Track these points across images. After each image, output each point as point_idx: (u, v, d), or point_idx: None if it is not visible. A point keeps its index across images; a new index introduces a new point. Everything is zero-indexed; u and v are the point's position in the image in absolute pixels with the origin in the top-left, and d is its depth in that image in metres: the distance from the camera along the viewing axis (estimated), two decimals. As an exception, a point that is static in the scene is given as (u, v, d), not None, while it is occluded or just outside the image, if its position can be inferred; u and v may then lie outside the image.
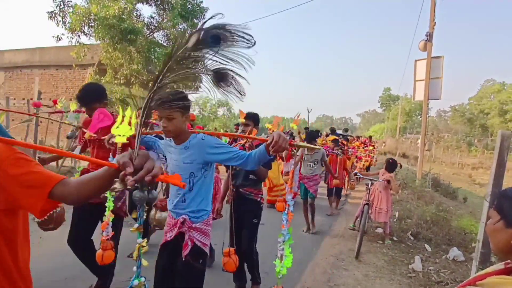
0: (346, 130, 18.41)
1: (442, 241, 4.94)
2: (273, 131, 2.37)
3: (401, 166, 6.45)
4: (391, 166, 5.06)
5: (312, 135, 5.39)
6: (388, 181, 4.86)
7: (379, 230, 5.33)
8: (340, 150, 7.03)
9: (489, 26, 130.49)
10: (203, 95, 31.01)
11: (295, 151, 5.53)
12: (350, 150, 8.98)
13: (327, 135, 12.10)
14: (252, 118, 3.14)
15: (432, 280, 3.67)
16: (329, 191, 6.75)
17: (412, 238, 5.08)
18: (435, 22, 10.07)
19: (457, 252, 4.37)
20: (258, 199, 2.99)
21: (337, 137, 8.88)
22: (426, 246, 4.77)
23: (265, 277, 3.52)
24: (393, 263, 4.15)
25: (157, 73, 0.94)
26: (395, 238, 5.02)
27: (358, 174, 5.87)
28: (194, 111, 30.63)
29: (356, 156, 10.37)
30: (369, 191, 4.81)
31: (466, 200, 10.68)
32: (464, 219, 6.45)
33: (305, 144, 1.78)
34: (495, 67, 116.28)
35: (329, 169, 5.79)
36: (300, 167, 5.32)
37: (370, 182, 4.90)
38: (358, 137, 15.44)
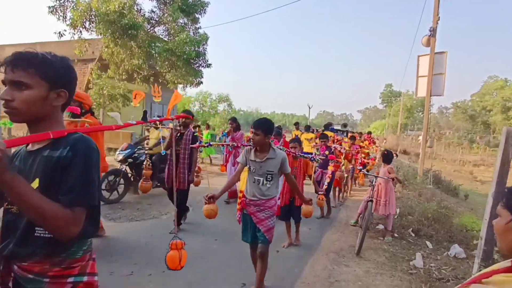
0: (345, 125, 16.08)
1: (444, 238, 4.93)
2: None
3: (397, 155, 6.52)
4: (387, 157, 5.16)
5: (260, 124, 2.77)
6: (393, 179, 4.89)
7: (380, 226, 5.32)
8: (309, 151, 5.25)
9: (493, 22, 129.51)
10: (203, 90, 30.89)
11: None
12: (351, 150, 7.15)
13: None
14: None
15: (433, 277, 3.66)
16: (284, 212, 4.41)
17: (413, 235, 5.07)
18: (439, 17, 9.96)
19: (459, 249, 4.36)
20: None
21: (326, 133, 7.08)
22: (427, 243, 4.76)
23: (267, 273, 3.52)
24: (394, 259, 4.14)
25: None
26: (396, 235, 5.01)
27: (363, 171, 5.71)
28: (195, 106, 30.55)
29: (362, 164, 8.38)
30: (373, 187, 4.81)
31: (468, 198, 10.67)
32: (465, 216, 6.44)
33: None
34: (498, 64, 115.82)
35: (295, 186, 3.32)
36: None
37: (374, 179, 4.90)
38: (360, 134, 14.84)
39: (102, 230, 4.00)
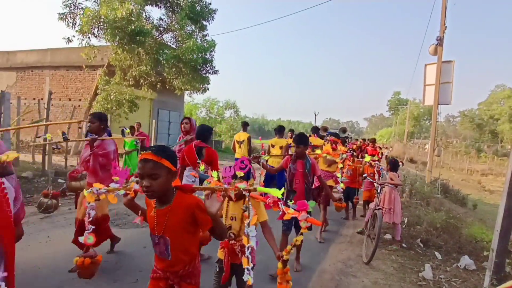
0: (344, 130, 13.95)
1: (453, 249, 4.83)
2: None
3: (403, 164, 6.48)
4: (393, 166, 5.16)
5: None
6: (396, 186, 4.87)
7: (388, 236, 5.24)
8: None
9: (500, 31, 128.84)
10: (211, 97, 31.00)
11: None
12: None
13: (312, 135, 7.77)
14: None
15: (443, 289, 3.57)
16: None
17: (421, 245, 4.97)
18: (445, 26, 9.95)
19: (469, 260, 4.26)
20: None
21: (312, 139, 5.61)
22: (436, 253, 4.67)
23: (271, 280, 3.47)
24: (402, 270, 4.06)
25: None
26: (404, 245, 4.92)
27: (368, 178, 5.44)
28: (201, 113, 30.68)
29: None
30: (379, 195, 4.75)
31: (476, 207, 10.48)
32: (474, 227, 6.31)
33: None
34: (506, 72, 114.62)
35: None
36: None
37: (379, 187, 4.83)
38: (363, 140, 14.02)
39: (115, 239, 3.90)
